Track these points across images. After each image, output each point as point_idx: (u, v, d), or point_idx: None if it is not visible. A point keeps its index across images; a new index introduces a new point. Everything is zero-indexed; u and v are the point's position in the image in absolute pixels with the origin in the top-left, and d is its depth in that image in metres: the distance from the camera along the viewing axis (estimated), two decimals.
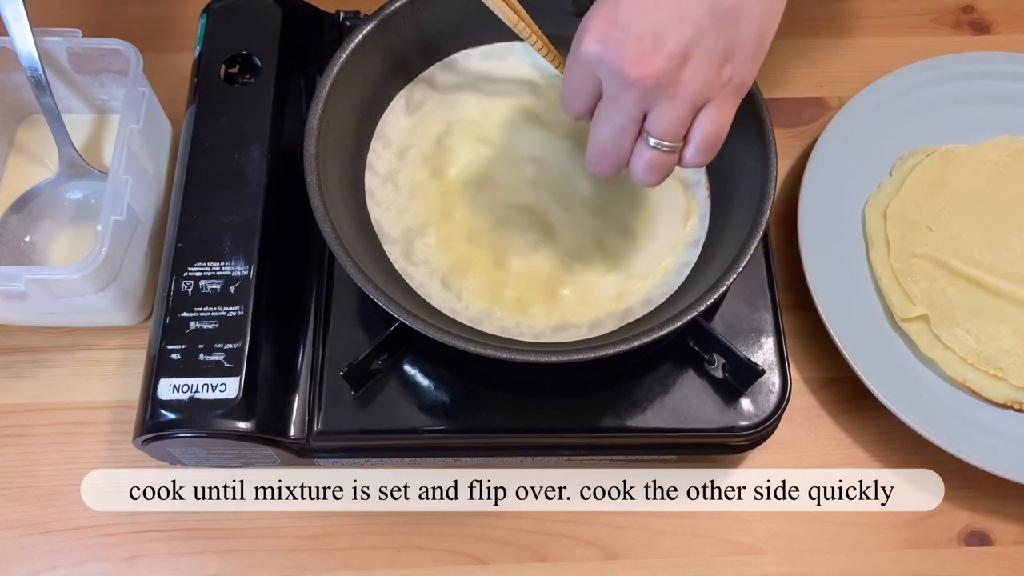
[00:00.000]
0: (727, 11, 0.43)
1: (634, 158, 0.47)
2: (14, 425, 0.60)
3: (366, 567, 0.57)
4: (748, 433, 0.54)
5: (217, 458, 0.56)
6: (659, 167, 0.47)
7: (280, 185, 0.58)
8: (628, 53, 0.42)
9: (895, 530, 0.58)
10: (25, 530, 0.57)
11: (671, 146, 0.46)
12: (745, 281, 0.57)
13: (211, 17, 0.63)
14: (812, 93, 0.73)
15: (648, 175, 0.47)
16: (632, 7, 0.42)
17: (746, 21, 0.43)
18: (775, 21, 0.45)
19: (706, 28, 0.43)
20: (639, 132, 0.46)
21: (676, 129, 0.45)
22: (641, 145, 0.46)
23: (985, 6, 0.77)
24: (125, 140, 0.57)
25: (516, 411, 0.54)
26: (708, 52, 0.43)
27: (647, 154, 0.46)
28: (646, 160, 0.46)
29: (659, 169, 0.47)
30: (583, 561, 0.57)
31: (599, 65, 0.44)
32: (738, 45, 0.44)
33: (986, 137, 0.68)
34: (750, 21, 0.43)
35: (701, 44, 0.43)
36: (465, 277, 0.55)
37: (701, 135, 0.46)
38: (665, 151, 0.46)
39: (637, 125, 0.46)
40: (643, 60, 0.42)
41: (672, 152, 0.46)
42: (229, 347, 0.52)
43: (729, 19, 0.43)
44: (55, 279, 0.54)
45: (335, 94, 0.54)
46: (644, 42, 0.42)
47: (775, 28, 0.45)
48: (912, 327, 0.61)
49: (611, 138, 0.46)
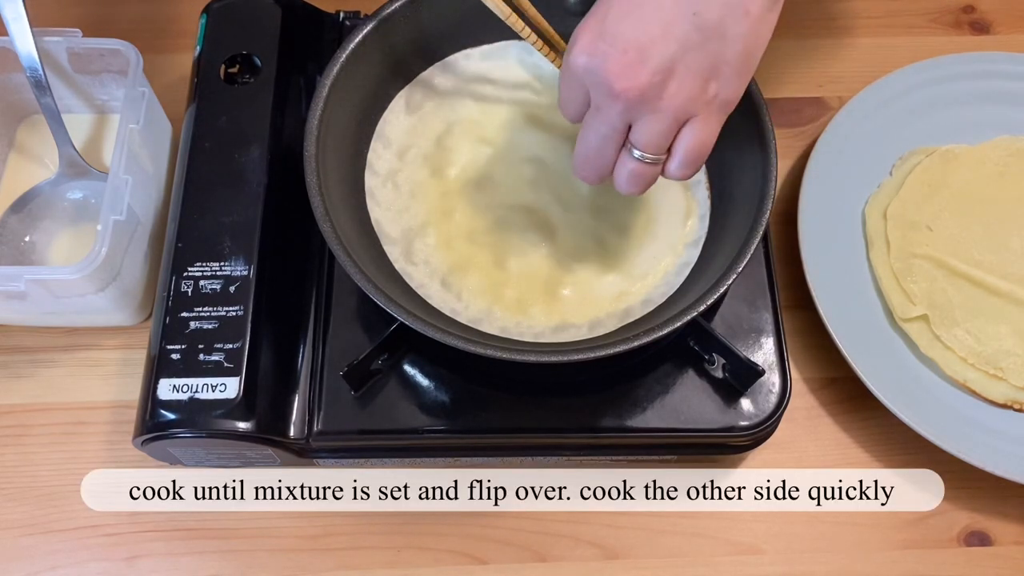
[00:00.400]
0: (712, 28, 0.43)
1: (618, 167, 0.48)
2: (14, 425, 0.60)
3: (366, 567, 0.57)
4: (748, 433, 0.54)
5: (217, 458, 0.56)
6: (641, 178, 0.47)
7: (280, 185, 0.58)
8: (613, 66, 0.43)
9: (895, 530, 0.58)
10: (25, 530, 0.57)
11: (654, 158, 0.46)
12: (745, 281, 0.57)
13: (211, 17, 0.63)
14: (812, 93, 0.73)
15: (630, 185, 0.48)
16: (619, 21, 0.43)
17: (732, 38, 0.44)
18: (763, 39, 0.45)
19: (691, 44, 0.43)
20: (623, 143, 0.47)
21: (659, 142, 0.46)
22: (625, 155, 0.47)
23: (985, 6, 0.77)
24: (125, 140, 0.57)
25: (516, 411, 0.54)
26: (693, 68, 0.43)
27: (630, 164, 0.47)
28: (629, 170, 0.47)
29: (641, 180, 0.48)
30: (583, 561, 0.57)
31: (586, 76, 0.44)
32: (724, 62, 0.44)
33: (986, 137, 0.68)
34: (736, 39, 0.44)
35: (686, 59, 0.43)
36: (465, 277, 0.55)
37: (684, 149, 0.46)
38: (648, 163, 0.47)
39: (621, 136, 0.46)
40: (628, 73, 0.43)
41: (655, 164, 0.47)
42: (229, 347, 0.52)
43: (715, 36, 0.43)
44: (55, 279, 0.54)
45: (335, 94, 0.54)
46: (629, 55, 0.43)
47: (764, 46, 0.45)
48: (912, 327, 0.61)
49: (596, 147, 0.47)
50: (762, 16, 0.44)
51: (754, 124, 0.53)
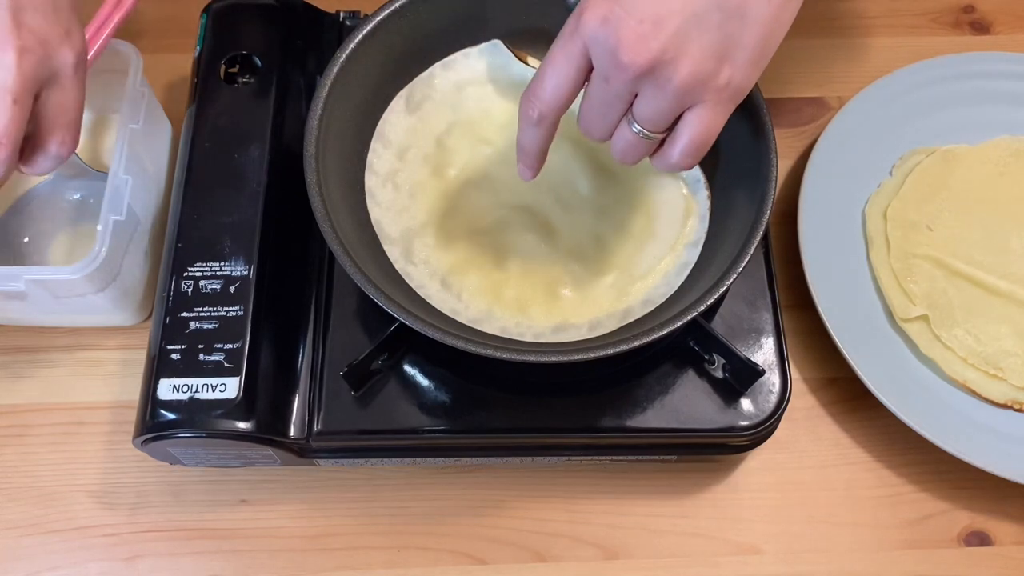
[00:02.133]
0: (734, 8, 0.42)
1: (616, 133, 0.47)
2: (14, 425, 0.60)
3: (366, 567, 0.57)
4: (748, 433, 0.54)
5: (217, 458, 0.56)
6: (636, 150, 0.47)
7: (280, 185, 0.58)
8: (626, 34, 0.41)
9: (895, 530, 0.58)
10: (25, 530, 0.57)
11: (652, 135, 0.45)
12: (745, 281, 0.57)
13: (211, 17, 0.63)
14: (812, 93, 0.73)
15: (623, 155, 0.47)
16: None
17: (752, 22, 0.42)
18: (783, 27, 0.44)
19: (709, 22, 0.42)
20: (626, 111, 0.45)
21: (660, 120, 0.45)
22: (624, 125, 0.46)
23: (985, 6, 0.77)
24: (125, 140, 0.57)
25: (516, 411, 0.54)
26: (707, 47, 0.42)
27: (628, 135, 0.46)
28: (625, 140, 0.46)
29: (635, 152, 0.47)
30: (583, 561, 0.57)
31: (594, 42, 0.42)
32: (740, 46, 0.43)
33: (986, 137, 0.68)
34: (756, 23, 0.43)
35: (701, 38, 0.42)
36: (465, 277, 0.55)
37: (689, 137, 0.45)
38: (645, 138, 0.46)
39: (625, 105, 0.45)
40: (639, 44, 0.41)
41: (652, 140, 0.46)
42: (229, 347, 0.52)
43: (735, 16, 0.42)
44: (55, 279, 0.54)
45: (335, 94, 0.54)
46: (644, 26, 0.41)
47: (782, 36, 0.44)
48: (912, 327, 0.61)
49: (599, 111, 0.46)
50: (785, 3, 0.43)
51: (754, 124, 0.53)
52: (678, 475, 0.59)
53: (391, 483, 0.59)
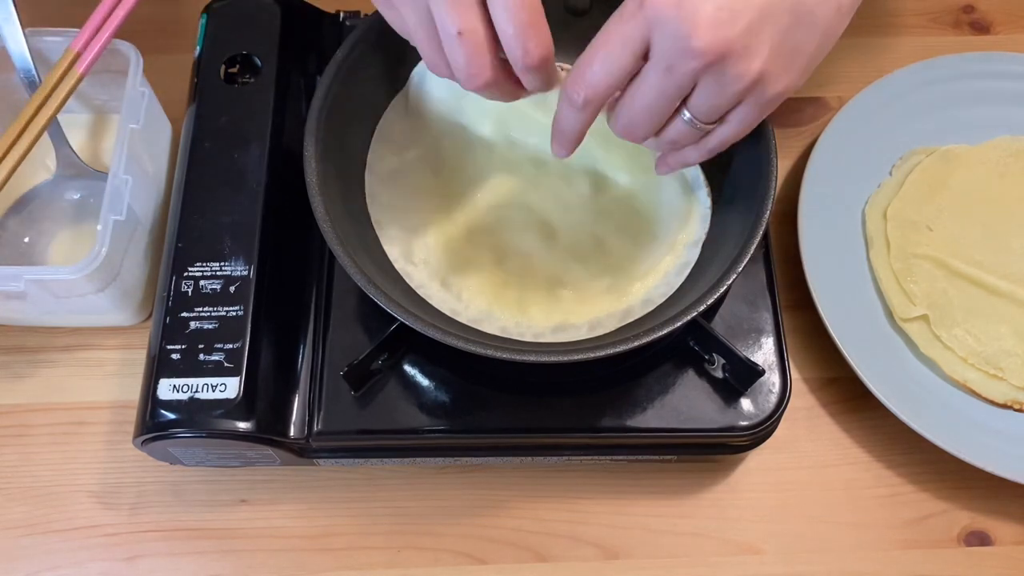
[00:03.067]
0: (805, 13, 0.41)
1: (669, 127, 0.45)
2: (14, 425, 0.60)
3: (366, 567, 0.57)
4: (748, 433, 0.54)
5: (217, 458, 0.56)
6: (681, 141, 0.45)
7: (280, 185, 0.58)
8: (703, 19, 0.39)
9: (895, 530, 0.58)
10: (25, 530, 0.57)
11: (703, 127, 0.44)
12: (745, 281, 0.57)
13: (211, 17, 0.63)
14: (812, 93, 0.73)
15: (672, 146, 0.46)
16: None
17: (816, 30, 0.41)
18: (836, 37, 0.43)
19: (780, 22, 0.40)
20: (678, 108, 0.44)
21: (714, 113, 0.43)
22: (676, 118, 0.44)
23: (985, 6, 0.77)
24: (125, 140, 0.57)
25: (516, 411, 0.54)
26: (776, 47, 0.41)
27: (680, 127, 0.44)
28: (678, 131, 0.44)
29: (684, 142, 0.45)
30: (583, 561, 0.57)
31: (663, 25, 0.40)
32: (801, 52, 0.42)
33: (986, 137, 0.68)
34: (819, 31, 0.42)
35: (772, 37, 0.41)
36: (465, 277, 0.55)
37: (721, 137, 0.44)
38: (695, 129, 0.44)
39: (680, 99, 0.43)
40: (715, 32, 0.39)
41: (700, 132, 0.44)
42: (229, 347, 0.52)
43: (805, 22, 0.41)
44: (55, 279, 0.54)
45: (335, 94, 0.54)
46: (722, 13, 0.39)
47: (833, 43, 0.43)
48: (912, 327, 0.61)
49: (653, 106, 0.43)
50: (847, 14, 0.43)
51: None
52: (678, 475, 0.59)
53: (391, 483, 0.59)
